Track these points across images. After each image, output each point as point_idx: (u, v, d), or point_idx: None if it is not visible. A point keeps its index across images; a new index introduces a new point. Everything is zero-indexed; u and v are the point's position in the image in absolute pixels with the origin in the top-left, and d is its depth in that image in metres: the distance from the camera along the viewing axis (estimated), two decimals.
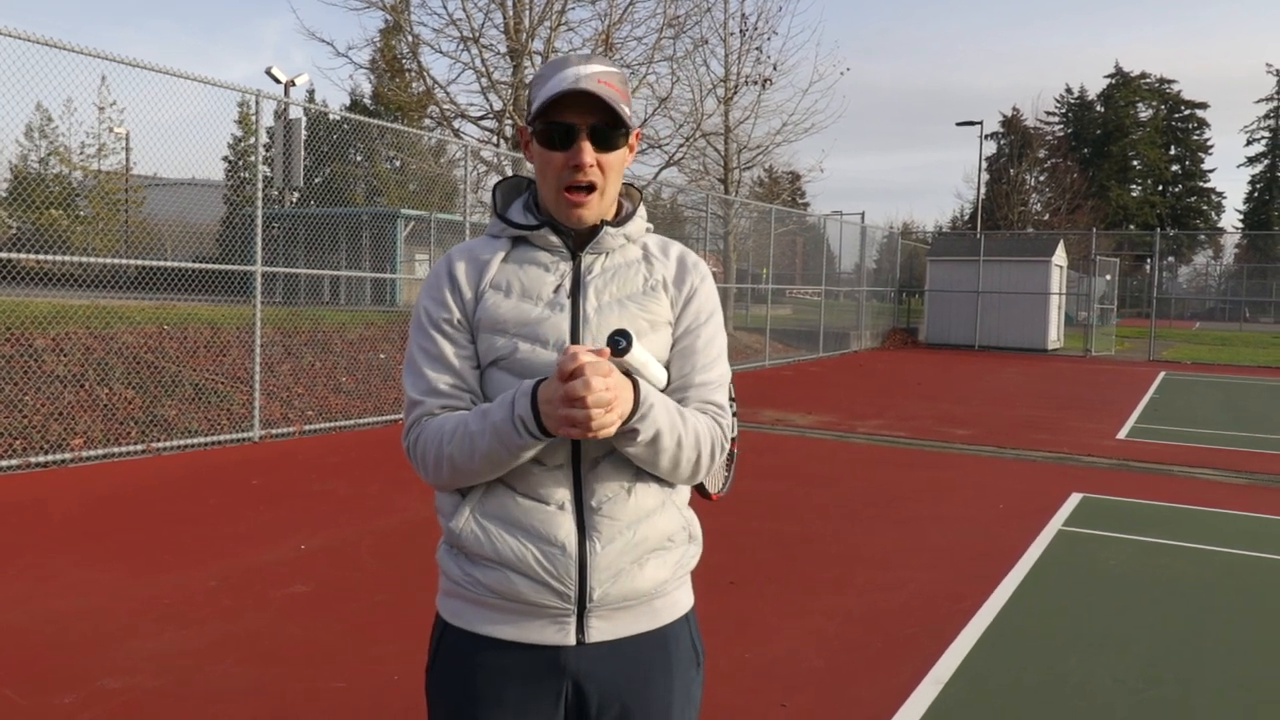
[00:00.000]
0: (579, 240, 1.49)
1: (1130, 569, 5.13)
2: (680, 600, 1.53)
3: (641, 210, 1.56)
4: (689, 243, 18.23)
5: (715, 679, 2.62)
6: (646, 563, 1.45)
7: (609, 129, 1.42)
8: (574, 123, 1.40)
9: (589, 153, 1.41)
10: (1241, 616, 4.40)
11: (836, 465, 7.99)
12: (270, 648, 3.72)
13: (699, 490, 1.63)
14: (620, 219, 1.51)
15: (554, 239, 1.48)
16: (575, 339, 1.42)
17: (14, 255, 6.77)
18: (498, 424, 1.34)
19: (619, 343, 1.30)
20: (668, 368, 1.49)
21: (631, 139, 1.48)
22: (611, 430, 1.29)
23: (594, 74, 1.40)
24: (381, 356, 10.95)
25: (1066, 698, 3.45)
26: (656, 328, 1.47)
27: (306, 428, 8.67)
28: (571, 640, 1.42)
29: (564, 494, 1.41)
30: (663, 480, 1.47)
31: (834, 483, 7.26)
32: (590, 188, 1.43)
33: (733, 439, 1.78)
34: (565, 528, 1.40)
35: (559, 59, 1.45)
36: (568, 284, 1.46)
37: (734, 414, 1.79)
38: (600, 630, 1.43)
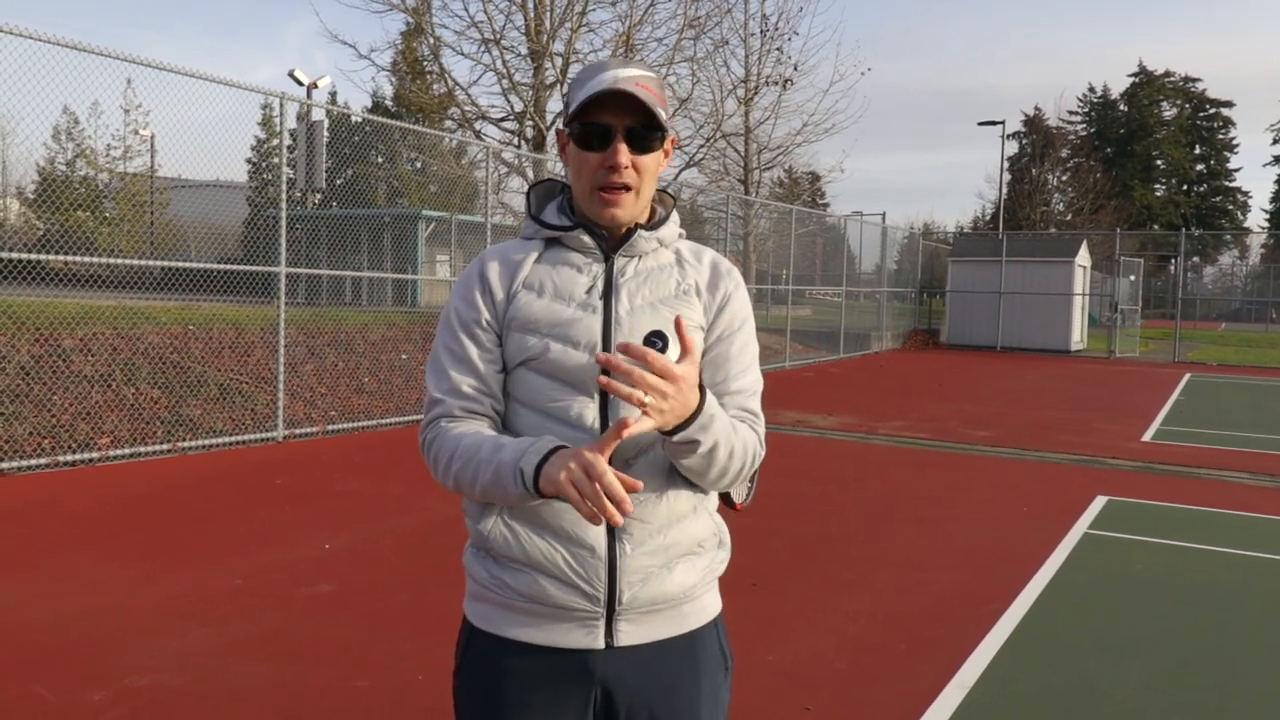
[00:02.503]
0: (612, 242, 1.49)
1: (1157, 572, 5.07)
2: (709, 605, 1.52)
3: (675, 216, 1.55)
4: (709, 243, 18.22)
5: (738, 680, 2.61)
6: (675, 567, 1.45)
7: (645, 130, 1.42)
8: (610, 124, 1.41)
9: (624, 153, 1.41)
10: (1272, 620, 4.34)
11: (858, 466, 7.95)
12: (293, 646, 3.74)
13: (724, 500, 1.62)
14: (654, 223, 1.51)
15: (588, 240, 1.48)
16: (607, 340, 1.42)
17: (42, 256, 6.86)
18: (502, 466, 1.34)
19: (655, 344, 1.30)
20: (700, 373, 1.48)
21: (667, 144, 1.48)
22: (669, 421, 1.26)
23: (632, 77, 1.40)
24: (403, 357, 11.01)
25: (1094, 702, 3.42)
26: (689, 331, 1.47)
27: (329, 428, 8.73)
28: (600, 644, 1.41)
29: None
30: (695, 485, 1.46)
31: (856, 484, 7.22)
32: (625, 188, 1.43)
33: None
34: (595, 529, 1.40)
35: (597, 63, 1.45)
36: (600, 285, 1.46)
37: None
38: (629, 634, 1.42)
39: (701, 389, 1.32)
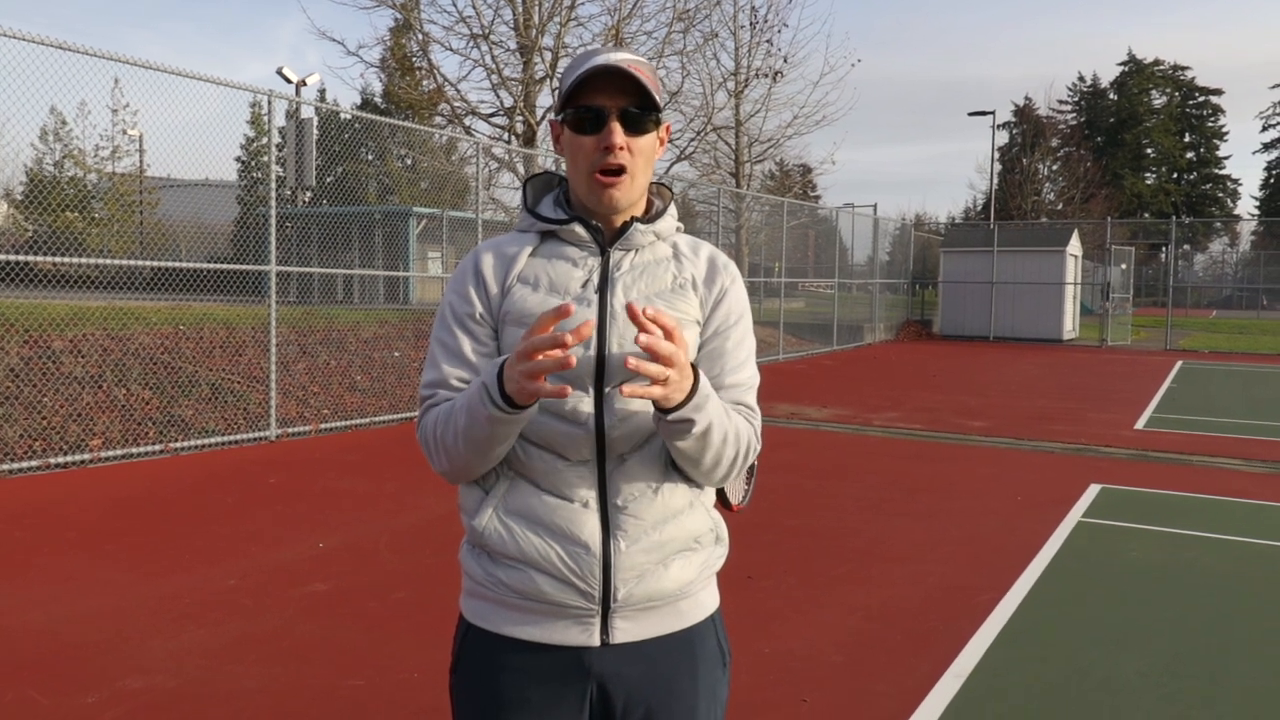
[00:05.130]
0: (608, 236, 1.47)
1: (1152, 560, 5.09)
2: (706, 601, 1.52)
3: (672, 209, 1.54)
4: (700, 237, 18.20)
5: (735, 674, 2.63)
6: (671, 563, 1.44)
7: (639, 112, 1.41)
8: (604, 105, 1.40)
9: (619, 134, 1.40)
10: (1266, 607, 4.36)
11: (852, 458, 7.96)
12: (289, 646, 3.73)
13: (721, 500, 1.61)
14: (650, 216, 1.50)
15: (583, 234, 1.46)
16: (602, 335, 1.41)
17: (31, 258, 6.82)
18: (470, 397, 1.32)
19: None
20: (694, 367, 1.47)
21: (662, 131, 1.47)
22: (673, 394, 1.25)
23: (624, 59, 1.40)
24: (396, 354, 10.98)
25: (1089, 691, 3.43)
26: (685, 326, 1.45)
27: (322, 426, 8.70)
28: (596, 641, 1.41)
29: (588, 491, 1.40)
30: (691, 480, 1.46)
31: (850, 476, 7.23)
32: (621, 170, 1.42)
33: None
34: (589, 526, 1.39)
35: (588, 50, 1.44)
36: (596, 279, 1.44)
37: None
38: (625, 631, 1.42)
39: (695, 371, 1.31)
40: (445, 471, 1.42)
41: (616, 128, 1.40)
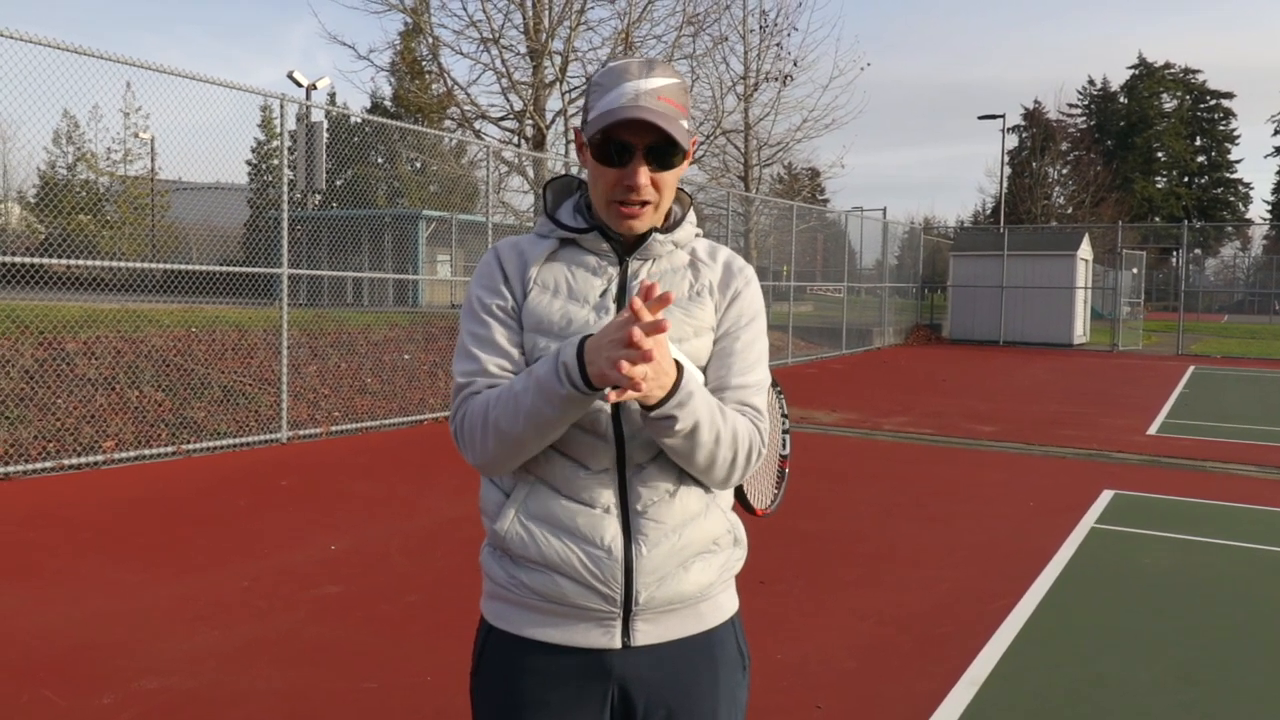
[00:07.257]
0: (627, 245, 1.47)
1: (1165, 567, 5.06)
2: (725, 604, 1.52)
3: (691, 216, 1.54)
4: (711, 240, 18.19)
5: None
6: (691, 566, 1.44)
7: (666, 147, 1.39)
8: (631, 142, 1.38)
9: (644, 174, 1.38)
10: None
11: (863, 463, 7.94)
12: (301, 649, 3.73)
13: (742, 504, 1.61)
14: (669, 225, 1.50)
15: (603, 244, 1.47)
16: None
17: (44, 260, 6.86)
18: (541, 376, 1.31)
19: None
20: (705, 370, 1.47)
21: (688, 147, 1.45)
22: (653, 391, 1.26)
23: (654, 90, 1.37)
24: (406, 357, 11.00)
25: (1103, 698, 3.41)
26: (700, 334, 1.46)
27: (333, 429, 8.72)
28: (617, 644, 1.41)
29: (609, 497, 1.40)
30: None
31: (861, 481, 7.21)
32: (644, 203, 1.41)
33: (784, 456, 1.75)
34: (611, 531, 1.39)
35: (619, 66, 1.40)
36: (614, 288, 1.45)
37: (786, 430, 1.76)
38: (646, 634, 1.42)
39: (680, 368, 1.31)
40: (486, 459, 1.39)
41: (643, 169, 1.38)
